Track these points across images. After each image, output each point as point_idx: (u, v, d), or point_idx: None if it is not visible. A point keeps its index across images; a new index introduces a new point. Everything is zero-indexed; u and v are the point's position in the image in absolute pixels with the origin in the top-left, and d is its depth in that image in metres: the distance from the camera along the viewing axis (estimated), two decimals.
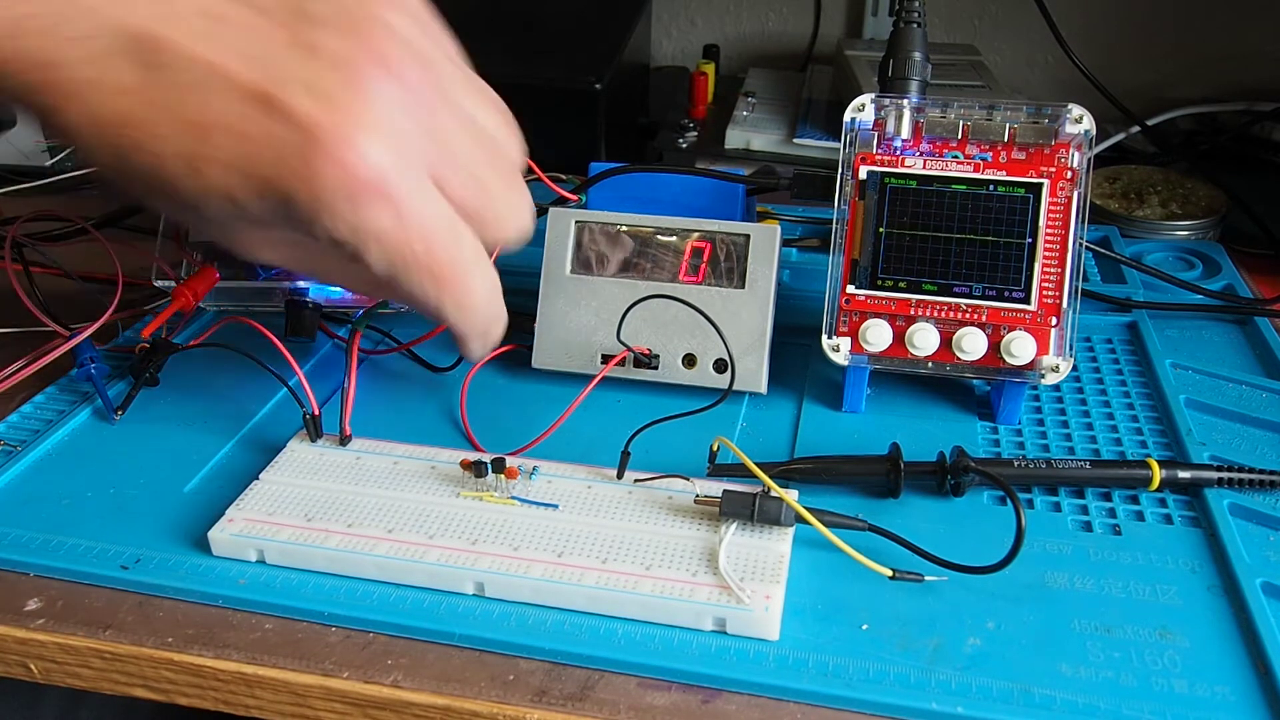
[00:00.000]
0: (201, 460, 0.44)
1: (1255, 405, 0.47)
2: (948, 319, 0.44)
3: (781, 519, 0.37)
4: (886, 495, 0.41)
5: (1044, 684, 0.33)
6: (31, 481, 0.43)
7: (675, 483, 0.40)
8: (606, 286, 0.48)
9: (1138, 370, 0.50)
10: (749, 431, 0.47)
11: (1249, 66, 0.81)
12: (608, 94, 0.70)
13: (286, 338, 0.51)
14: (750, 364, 0.47)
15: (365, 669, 0.35)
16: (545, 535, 0.38)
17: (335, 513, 0.39)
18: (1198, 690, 0.33)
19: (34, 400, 0.49)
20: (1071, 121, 0.43)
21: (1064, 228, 0.43)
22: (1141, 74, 0.83)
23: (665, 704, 0.33)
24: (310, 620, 0.36)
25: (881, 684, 0.33)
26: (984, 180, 0.44)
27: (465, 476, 0.41)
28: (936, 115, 0.45)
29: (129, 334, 0.54)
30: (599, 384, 0.45)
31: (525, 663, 0.35)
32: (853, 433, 0.46)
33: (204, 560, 0.39)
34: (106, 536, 0.40)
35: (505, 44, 0.76)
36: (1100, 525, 0.40)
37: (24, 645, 0.37)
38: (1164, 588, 0.37)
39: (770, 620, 0.34)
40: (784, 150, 0.73)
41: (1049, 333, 0.43)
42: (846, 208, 0.45)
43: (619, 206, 0.50)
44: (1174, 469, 0.41)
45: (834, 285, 0.45)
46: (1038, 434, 0.46)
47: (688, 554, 0.37)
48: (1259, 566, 0.37)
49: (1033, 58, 0.88)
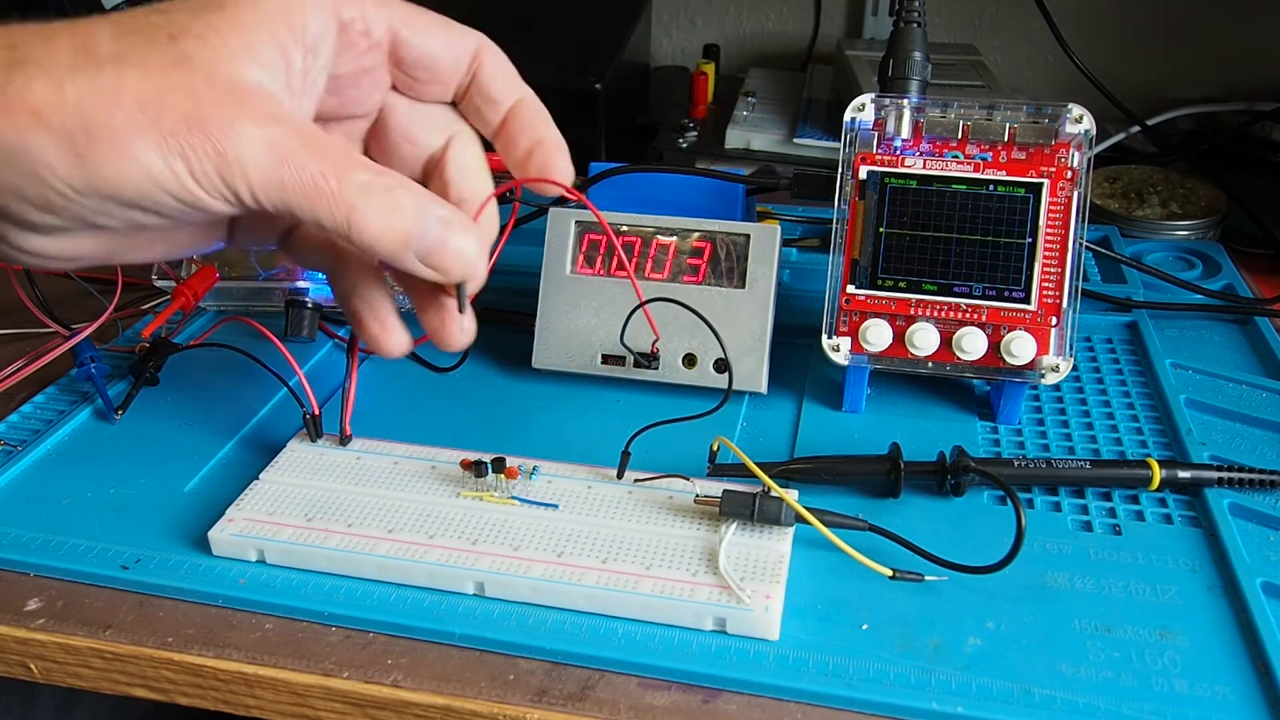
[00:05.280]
0: (201, 460, 0.44)
1: (1255, 405, 0.47)
2: (948, 319, 0.44)
3: (781, 519, 0.37)
4: (886, 495, 0.41)
5: (1044, 684, 0.33)
6: (31, 481, 0.43)
7: (675, 483, 0.40)
8: (606, 286, 0.48)
9: (1138, 370, 0.50)
10: (749, 431, 0.47)
11: (1249, 66, 0.81)
12: (608, 94, 0.70)
13: (286, 338, 0.51)
14: (750, 364, 0.47)
15: (365, 669, 0.35)
16: (545, 535, 0.38)
17: (335, 513, 0.39)
18: (1198, 690, 0.33)
19: (34, 400, 0.49)
20: (1071, 121, 0.43)
21: (1064, 228, 0.43)
22: (1141, 74, 0.83)
23: (665, 704, 0.33)
24: (310, 620, 0.36)
25: (881, 684, 0.33)
26: (984, 180, 0.44)
27: (465, 476, 0.41)
28: (936, 115, 0.45)
29: (129, 334, 0.54)
30: (599, 384, 0.45)
31: (525, 663, 0.35)
32: (853, 433, 0.46)
33: (204, 560, 0.39)
34: (106, 536, 0.40)
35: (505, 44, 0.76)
36: (1100, 525, 0.40)
37: (24, 645, 0.37)
38: (1164, 588, 0.37)
39: (770, 620, 0.34)
40: (784, 150, 0.73)
41: (1049, 333, 0.43)
42: (846, 208, 0.45)
43: (619, 206, 0.50)
44: (1174, 469, 0.41)
45: (834, 285, 0.45)
46: (1038, 434, 0.46)
47: (688, 554, 0.37)
48: (1259, 566, 0.37)
49: (1033, 58, 0.88)
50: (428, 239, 0.34)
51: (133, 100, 0.30)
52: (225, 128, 0.30)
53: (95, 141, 0.30)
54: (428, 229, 0.34)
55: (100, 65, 0.30)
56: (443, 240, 0.34)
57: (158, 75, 0.30)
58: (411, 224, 0.33)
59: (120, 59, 0.30)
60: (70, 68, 0.29)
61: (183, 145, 0.30)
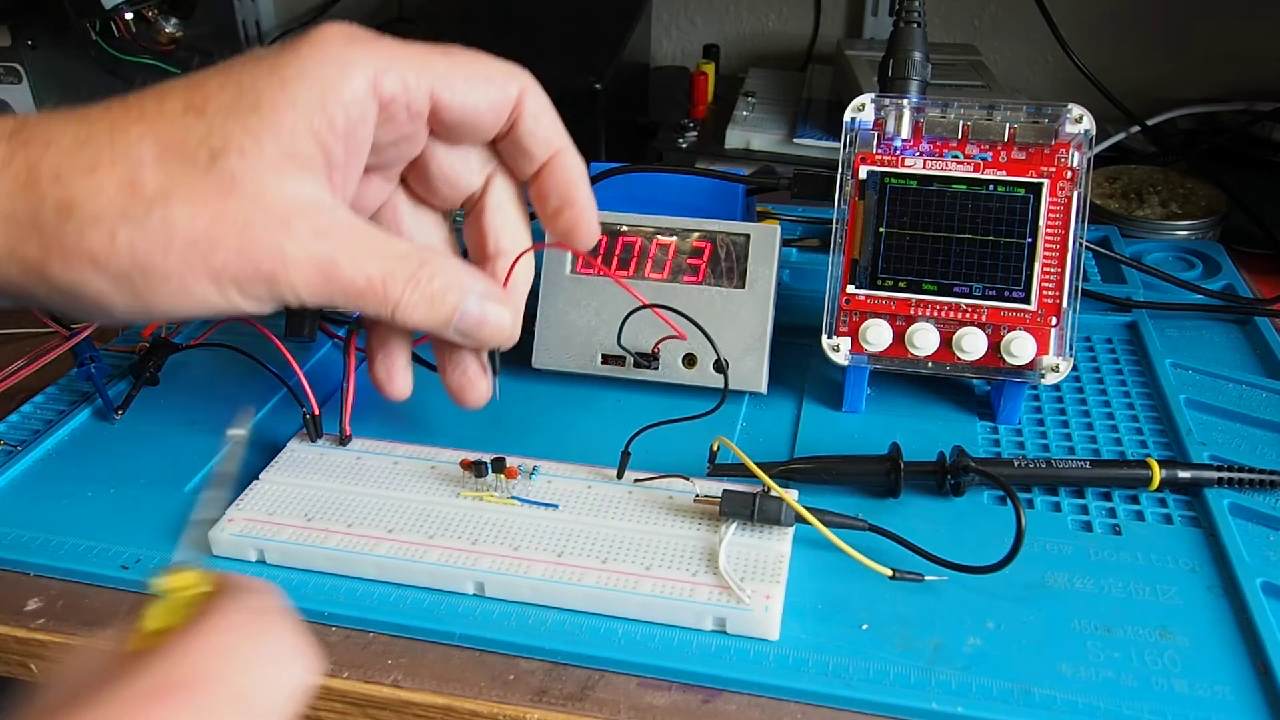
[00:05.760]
0: (201, 460, 0.44)
1: (1255, 405, 0.47)
2: (948, 319, 0.44)
3: (781, 519, 0.37)
4: (886, 495, 0.41)
5: (1044, 684, 0.33)
6: (31, 481, 0.44)
7: (675, 483, 0.40)
8: (607, 286, 0.48)
9: (1138, 370, 0.50)
10: (749, 431, 0.47)
11: (1249, 66, 0.81)
12: (608, 94, 0.70)
13: (286, 338, 0.50)
14: (750, 364, 0.47)
15: (365, 669, 0.35)
16: (545, 535, 0.38)
17: (335, 513, 0.39)
18: (1198, 690, 0.33)
19: (34, 400, 0.49)
20: (1071, 121, 0.43)
21: (1064, 228, 0.43)
22: (1141, 74, 0.83)
23: (665, 704, 0.33)
24: (310, 620, 0.36)
25: (881, 684, 0.33)
26: (984, 180, 0.44)
27: (465, 476, 0.41)
28: (936, 115, 0.45)
29: (129, 334, 0.54)
30: (599, 384, 0.45)
31: (525, 662, 0.35)
32: (853, 433, 0.46)
33: (204, 560, 0.39)
34: (106, 536, 0.40)
35: (505, 44, 0.76)
36: (1100, 525, 0.40)
37: (24, 645, 0.37)
38: (1164, 588, 0.37)
39: (770, 620, 0.34)
40: (784, 150, 0.73)
41: (1049, 332, 0.43)
42: (846, 208, 0.45)
43: (619, 206, 0.50)
44: (1174, 469, 0.41)
45: (834, 285, 0.45)
46: (1038, 434, 0.46)
47: (688, 554, 0.37)
48: (1259, 566, 0.37)
49: (1033, 58, 0.88)
50: (468, 318, 0.36)
51: (183, 241, 0.31)
52: (274, 257, 0.32)
53: (150, 280, 0.31)
54: (468, 308, 0.36)
55: (149, 207, 0.31)
56: (481, 317, 0.36)
57: (204, 208, 0.31)
58: (453, 310, 0.36)
59: (167, 196, 0.31)
60: (120, 214, 0.30)
61: (235, 277, 0.32)
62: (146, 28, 0.71)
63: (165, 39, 0.72)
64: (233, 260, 0.31)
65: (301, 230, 0.32)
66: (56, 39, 0.71)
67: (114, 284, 0.31)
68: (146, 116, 0.31)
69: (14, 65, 0.70)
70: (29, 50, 0.70)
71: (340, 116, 0.32)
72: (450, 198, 0.40)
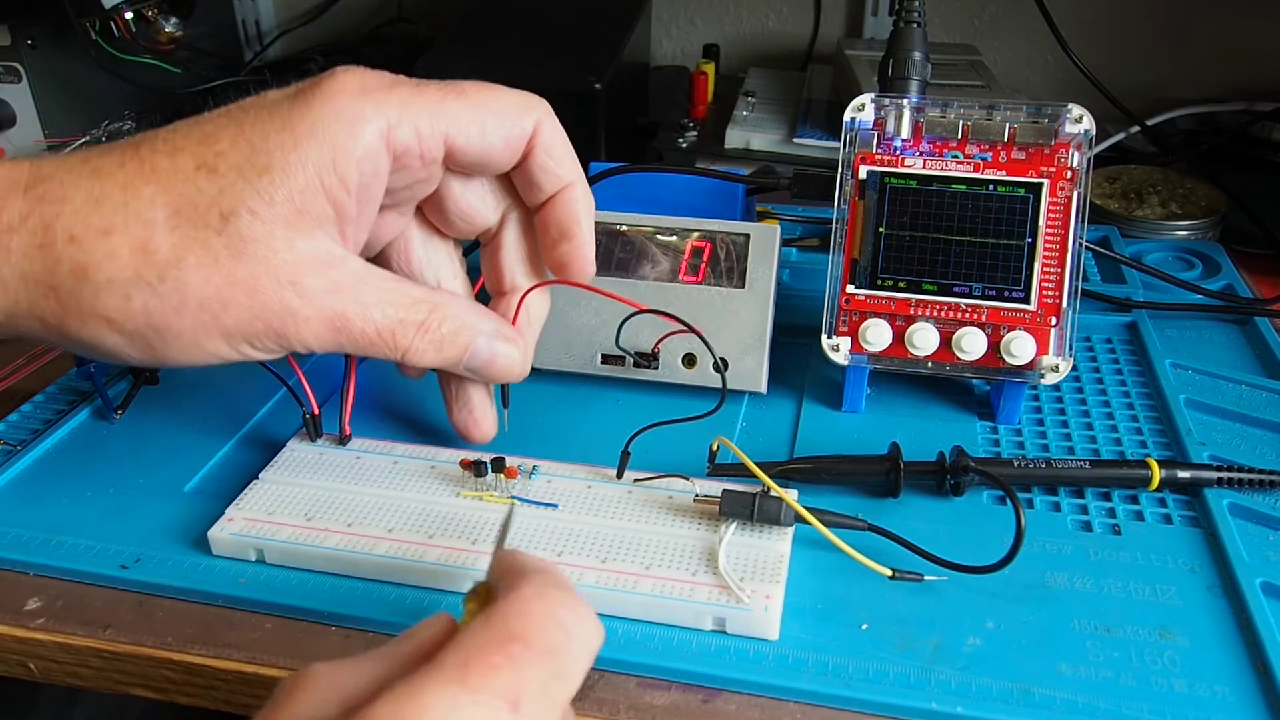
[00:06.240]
0: (201, 460, 0.44)
1: (1255, 405, 0.47)
2: (947, 319, 0.44)
3: (781, 519, 0.37)
4: (886, 495, 0.41)
5: (1044, 684, 0.33)
6: (31, 481, 0.43)
7: (675, 482, 0.40)
8: (607, 286, 0.48)
9: (1137, 370, 0.50)
10: (749, 431, 0.47)
11: (1249, 66, 0.81)
12: (608, 94, 0.70)
13: None
14: (750, 364, 0.47)
15: None
16: (545, 535, 0.38)
17: (335, 512, 0.39)
18: (1197, 690, 0.33)
19: (34, 400, 0.49)
20: (1071, 121, 0.43)
21: (1064, 228, 0.43)
22: (1141, 74, 0.83)
23: (665, 704, 0.33)
24: (310, 620, 0.36)
25: (881, 684, 0.33)
26: (984, 180, 0.44)
27: (465, 476, 0.41)
28: (936, 115, 0.45)
29: None
30: (599, 384, 0.45)
31: None
32: (853, 432, 0.46)
33: (204, 560, 0.39)
34: (106, 536, 0.40)
35: (505, 44, 0.76)
36: (1100, 525, 0.40)
37: (24, 645, 0.37)
38: (1164, 588, 0.37)
39: (770, 620, 0.34)
40: (784, 150, 0.73)
41: (1049, 332, 0.43)
42: (846, 207, 0.45)
43: (619, 206, 0.50)
44: (1174, 469, 0.41)
45: (834, 285, 0.45)
46: (1037, 434, 0.46)
47: (687, 554, 0.37)
48: (1259, 566, 0.37)
49: (1033, 58, 0.88)
50: (478, 358, 0.38)
51: (196, 303, 0.32)
52: (285, 315, 0.33)
53: (164, 338, 0.32)
54: (478, 348, 0.37)
55: (162, 271, 0.31)
56: (492, 356, 0.38)
57: (216, 272, 0.32)
58: (463, 351, 0.37)
59: (179, 260, 0.31)
60: (134, 279, 0.31)
61: (246, 334, 0.33)
62: (146, 27, 0.72)
63: (165, 38, 0.73)
64: (244, 319, 0.32)
65: (311, 288, 0.33)
66: (56, 39, 0.71)
67: (129, 341, 0.32)
68: (159, 174, 0.32)
69: (14, 65, 0.70)
70: (29, 50, 0.70)
71: (353, 173, 0.33)
72: (464, 230, 0.40)
